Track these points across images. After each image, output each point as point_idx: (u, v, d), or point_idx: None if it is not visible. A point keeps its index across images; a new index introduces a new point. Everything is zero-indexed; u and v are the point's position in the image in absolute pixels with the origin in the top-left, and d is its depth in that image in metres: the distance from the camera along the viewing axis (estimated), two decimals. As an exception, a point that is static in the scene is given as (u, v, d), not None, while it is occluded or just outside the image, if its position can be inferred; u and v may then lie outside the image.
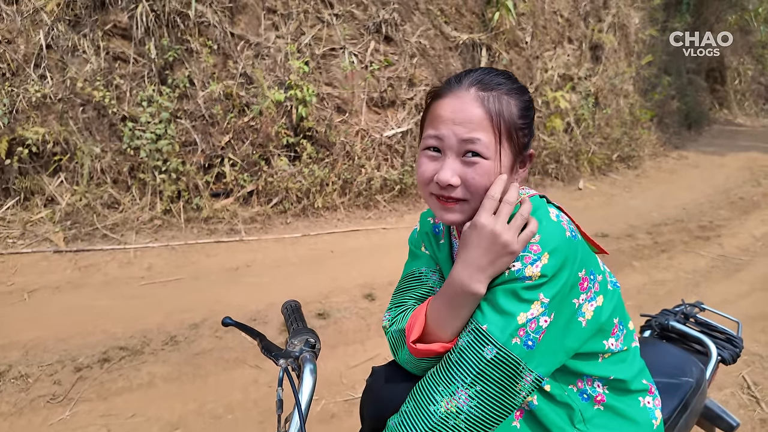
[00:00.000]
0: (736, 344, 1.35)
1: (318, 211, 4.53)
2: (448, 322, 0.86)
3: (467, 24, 5.91)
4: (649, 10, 9.22)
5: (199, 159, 4.24)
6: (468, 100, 0.84)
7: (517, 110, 0.86)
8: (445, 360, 0.84)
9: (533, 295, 0.79)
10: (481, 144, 0.82)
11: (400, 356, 0.98)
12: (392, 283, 3.30)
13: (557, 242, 0.81)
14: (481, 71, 0.89)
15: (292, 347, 0.84)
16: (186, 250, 3.69)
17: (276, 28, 4.79)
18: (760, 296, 3.38)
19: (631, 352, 0.94)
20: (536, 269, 0.79)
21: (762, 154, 8.70)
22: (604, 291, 0.86)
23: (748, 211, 5.37)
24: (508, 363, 0.78)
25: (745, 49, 15.20)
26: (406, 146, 5.08)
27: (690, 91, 11.60)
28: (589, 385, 0.91)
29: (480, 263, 0.81)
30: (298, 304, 1.03)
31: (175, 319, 2.75)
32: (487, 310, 0.81)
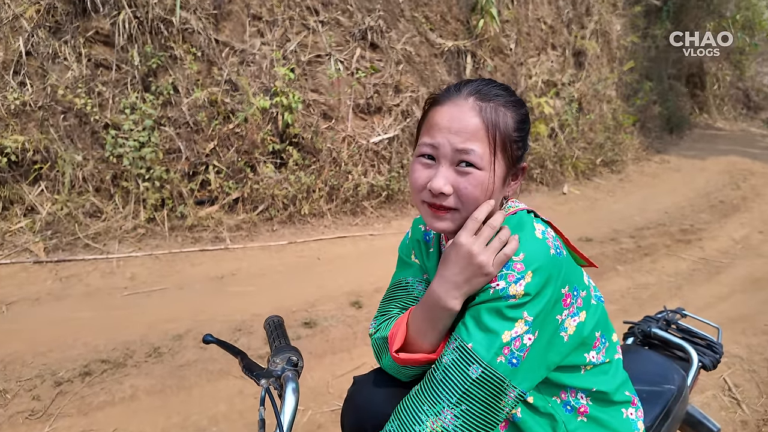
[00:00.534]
0: (716, 350, 1.37)
1: (304, 218, 4.51)
2: (427, 334, 0.88)
3: (452, 31, 5.96)
4: (631, 17, 9.39)
5: (184, 166, 4.19)
6: (466, 109, 0.85)
7: (513, 122, 0.87)
8: (430, 378, 0.84)
9: (517, 314, 0.79)
10: (476, 155, 0.83)
11: (383, 362, 1.00)
12: (379, 291, 3.31)
13: (541, 261, 0.81)
14: (480, 82, 0.89)
15: (274, 366, 0.83)
16: (170, 259, 3.64)
17: (261, 34, 4.78)
18: (739, 298, 3.44)
19: (614, 365, 0.95)
20: (520, 288, 0.79)
21: (741, 158, 8.88)
22: (587, 306, 0.87)
23: (728, 214, 5.48)
24: (493, 381, 0.79)
25: (723, 55, 15.54)
26: (392, 152, 5.09)
27: (671, 96, 11.83)
28: (572, 397, 0.91)
29: (456, 280, 0.83)
30: (280, 319, 1.02)
31: (158, 330, 2.71)
32: (472, 328, 0.81)
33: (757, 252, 4.37)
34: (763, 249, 4.43)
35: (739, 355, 2.68)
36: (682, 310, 1.56)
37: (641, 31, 9.84)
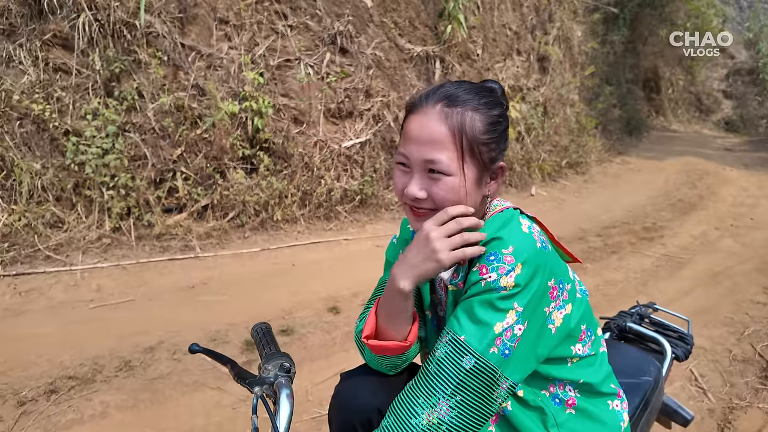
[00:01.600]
0: (688, 341, 1.43)
1: (277, 224, 4.45)
2: (389, 318, 0.92)
3: (421, 37, 6.03)
4: (590, 23, 9.74)
5: (150, 173, 4.07)
6: (433, 117, 0.87)
7: (482, 125, 0.88)
8: (424, 372, 0.86)
9: (508, 305, 0.82)
10: (442, 163, 0.85)
11: (366, 356, 1.04)
12: (356, 295, 3.30)
13: (529, 253, 0.84)
14: (452, 86, 0.91)
15: (266, 373, 0.81)
16: (138, 270, 3.52)
17: (228, 39, 4.70)
18: (701, 292, 3.59)
19: (599, 357, 0.98)
20: (510, 279, 0.82)
21: (695, 158, 9.33)
22: (572, 299, 0.90)
23: (687, 212, 5.73)
24: (486, 372, 0.81)
25: (676, 61, 16.31)
26: (365, 157, 5.09)
27: (629, 99, 12.32)
28: (560, 390, 0.94)
29: (412, 261, 0.87)
30: (268, 326, 1.01)
31: (128, 343, 2.61)
32: (464, 320, 0.83)
33: (715, 247, 4.58)
34: (719, 244, 4.65)
35: (703, 346, 2.80)
36: (654, 305, 1.62)
37: (600, 37, 10.22)
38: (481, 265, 0.85)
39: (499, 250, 0.85)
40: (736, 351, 2.77)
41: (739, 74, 18.54)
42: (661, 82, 15.36)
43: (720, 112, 17.37)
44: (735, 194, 6.60)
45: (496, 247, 0.85)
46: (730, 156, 10.09)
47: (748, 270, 3.96)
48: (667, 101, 15.68)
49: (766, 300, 3.40)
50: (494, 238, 0.87)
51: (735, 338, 2.91)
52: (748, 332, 2.97)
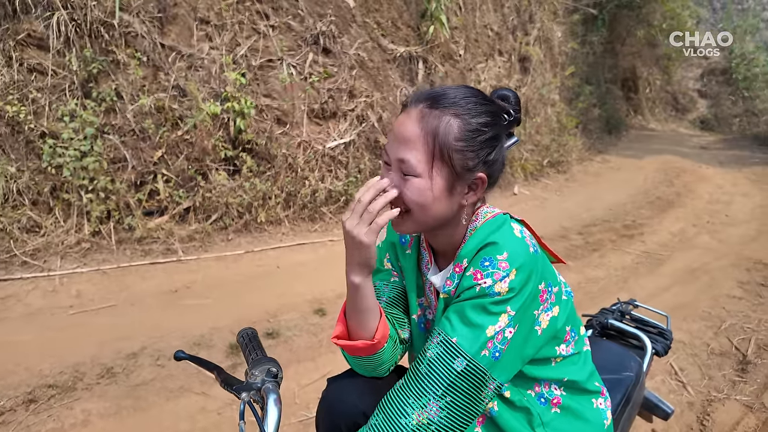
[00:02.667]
0: (667, 337, 1.47)
1: (261, 225, 4.42)
2: (353, 315, 0.95)
3: (403, 37, 6.04)
4: (570, 24, 9.88)
5: (130, 176, 4.00)
6: (411, 117, 0.87)
7: (458, 131, 0.86)
8: (414, 372, 0.86)
9: (501, 309, 0.83)
10: (409, 164, 0.86)
11: (347, 360, 1.05)
12: (342, 297, 3.27)
13: (523, 258, 0.85)
14: (447, 87, 0.91)
15: (253, 378, 0.81)
16: (119, 274, 3.46)
17: (209, 39, 4.65)
18: (679, 288, 3.68)
19: (582, 356, 1.00)
20: (504, 285, 0.83)
21: (673, 156, 9.53)
22: (559, 301, 0.91)
23: (665, 209, 5.86)
24: (476, 374, 0.82)
25: (653, 61, 16.65)
26: (349, 157, 5.08)
27: (608, 99, 12.53)
28: (546, 389, 0.95)
29: (348, 256, 0.90)
30: (254, 331, 1.00)
31: (110, 350, 2.57)
32: (456, 322, 0.84)
33: (692, 244, 4.69)
34: (696, 241, 4.76)
35: (682, 340, 2.87)
36: (634, 301, 1.66)
37: (580, 38, 10.38)
38: (476, 271, 0.86)
39: (494, 255, 0.85)
40: (714, 345, 2.84)
41: (713, 74, 19.00)
42: (639, 82, 15.65)
43: (695, 111, 17.77)
44: (711, 191, 6.77)
45: (491, 253, 0.86)
46: (705, 154, 10.34)
47: (724, 266, 4.07)
48: (645, 100, 15.99)
49: (742, 294, 3.50)
50: (488, 243, 0.87)
51: (712, 332, 2.99)
52: (725, 326, 3.05)
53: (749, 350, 2.77)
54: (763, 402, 2.32)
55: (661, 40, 15.32)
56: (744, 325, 3.07)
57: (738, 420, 2.21)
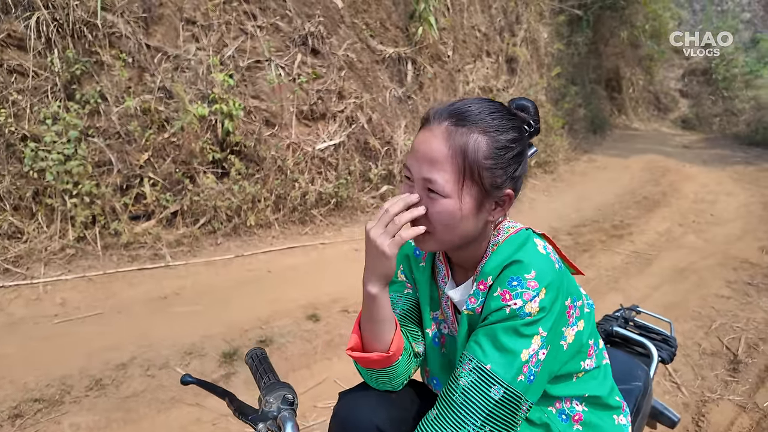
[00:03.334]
0: (672, 344, 1.46)
1: (251, 229, 4.35)
2: (367, 325, 0.92)
3: (392, 38, 6.01)
4: (555, 25, 9.96)
5: (116, 180, 3.91)
6: (436, 135, 0.84)
7: (487, 149, 0.84)
8: (448, 402, 0.83)
9: (533, 330, 0.80)
10: (438, 184, 0.83)
11: (361, 373, 1.02)
12: (336, 301, 3.25)
13: (551, 276, 0.83)
14: (471, 103, 0.87)
15: (268, 406, 0.77)
16: (105, 281, 3.37)
17: (196, 39, 4.56)
18: (668, 288, 3.72)
19: (603, 370, 0.98)
20: (535, 305, 0.81)
21: (657, 156, 9.67)
22: (582, 315, 0.89)
23: (652, 209, 5.93)
24: (514, 400, 0.80)
25: (636, 61, 16.90)
26: (339, 159, 5.04)
27: (593, 99, 12.67)
28: (567, 405, 0.93)
29: (368, 265, 0.87)
30: (263, 352, 0.96)
31: (98, 360, 2.49)
32: (488, 348, 0.81)
33: (679, 243, 4.75)
34: (683, 240, 4.83)
35: (674, 341, 2.89)
36: (636, 307, 1.65)
37: (565, 39, 10.47)
38: (503, 291, 0.83)
39: (522, 274, 0.83)
40: (705, 345, 2.87)
41: (694, 74, 19.35)
42: (622, 82, 15.86)
43: (677, 110, 18.08)
44: (696, 191, 6.88)
45: (518, 272, 0.83)
46: (688, 153, 10.51)
47: (711, 265, 4.12)
48: (628, 100, 16.21)
49: (730, 294, 3.55)
50: (514, 261, 0.85)
51: (703, 332, 3.02)
52: (715, 326, 3.09)
53: (740, 350, 2.80)
54: (756, 402, 2.35)
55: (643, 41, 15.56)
56: (733, 324, 3.11)
57: (732, 420, 2.23)
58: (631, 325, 1.55)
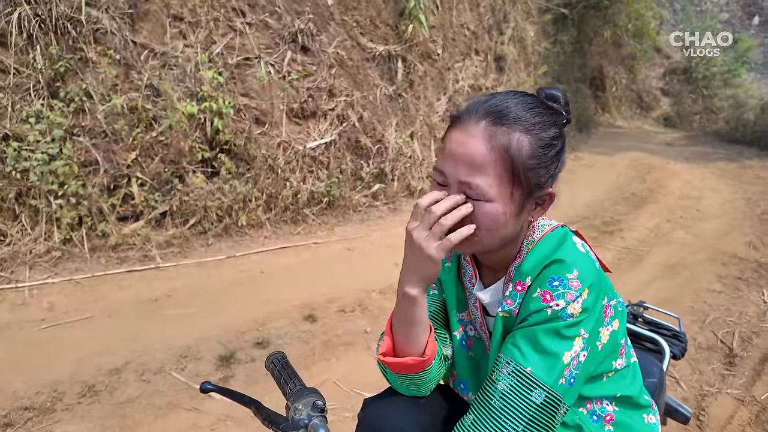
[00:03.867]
0: (682, 339, 1.46)
1: (242, 229, 4.28)
2: (403, 331, 0.87)
3: (382, 36, 5.98)
4: (542, 24, 10.03)
5: (102, 180, 3.81)
6: (475, 135, 0.80)
7: (530, 149, 0.80)
8: (486, 407, 0.80)
9: (575, 332, 0.78)
10: (480, 189, 0.79)
11: (389, 378, 0.97)
12: (332, 301, 3.21)
13: (594, 276, 0.80)
14: (501, 99, 0.83)
15: (298, 414, 0.73)
16: (94, 284, 3.28)
17: (184, 36, 4.47)
18: (661, 283, 3.76)
19: (632, 368, 0.96)
20: (578, 305, 0.78)
21: (641, 153, 9.80)
22: (617, 314, 0.87)
23: (640, 205, 6.00)
24: (555, 404, 0.77)
25: (619, 60, 17.14)
26: (330, 157, 4.99)
27: (578, 98, 12.81)
28: (598, 406, 0.91)
29: (408, 266, 0.82)
30: (284, 356, 0.92)
31: (90, 366, 2.42)
32: (528, 350, 0.78)
33: (668, 239, 4.81)
34: (672, 236, 4.89)
35: (670, 336, 2.91)
36: (644, 303, 1.65)
37: (551, 37, 10.56)
38: (544, 291, 0.80)
39: (563, 274, 0.80)
40: (701, 339, 2.90)
41: (675, 73, 19.71)
42: (606, 81, 16.06)
43: (659, 108, 18.39)
44: (681, 187, 6.98)
45: (559, 271, 0.80)
46: (671, 150, 10.68)
47: (701, 260, 4.18)
48: (612, 99, 16.43)
49: (721, 288, 3.60)
50: (555, 260, 0.81)
51: (698, 326, 3.05)
52: (709, 320, 3.12)
53: (734, 343, 2.84)
54: (754, 395, 2.38)
55: (626, 40, 15.78)
56: (726, 318, 3.15)
57: (732, 413, 2.25)
58: (640, 321, 1.55)
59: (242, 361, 2.53)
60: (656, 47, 19.36)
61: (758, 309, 3.27)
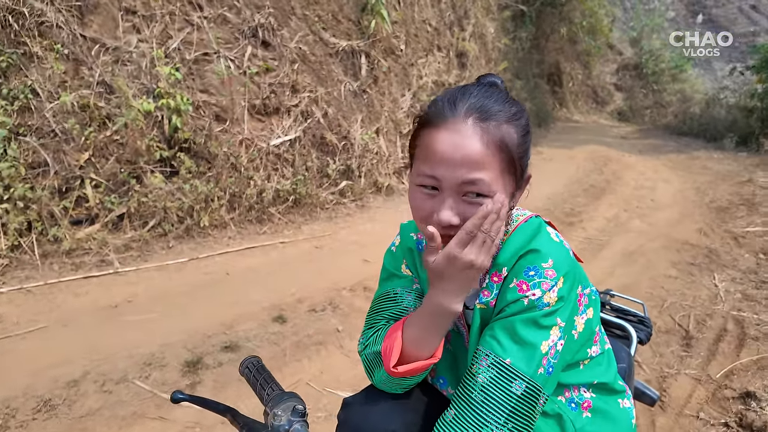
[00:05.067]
0: (647, 324, 1.51)
1: (205, 230, 4.15)
2: (428, 341, 0.86)
3: (345, 31, 5.92)
4: (501, 20, 10.21)
5: (53, 182, 3.61)
6: (467, 134, 0.78)
7: (518, 138, 0.82)
8: (467, 401, 0.79)
9: (552, 321, 0.78)
10: (484, 184, 0.78)
11: (376, 377, 0.95)
12: (302, 301, 3.16)
13: (568, 265, 0.82)
14: (477, 95, 0.82)
15: (278, 420, 0.70)
16: (47, 292, 3.10)
17: (137, 30, 4.29)
18: (621, 271, 3.89)
19: (606, 355, 0.98)
20: (554, 294, 0.78)
21: (599, 146, 10.16)
22: (591, 302, 0.88)
23: (599, 196, 6.21)
24: (535, 394, 0.77)
25: (575, 56, 17.70)
26: (296, 155, 4.91)
27: (537, 93, 13.14)
28: (575, 393, 0.93)
29: (454, 287, 0.81)
30: (260, 361, 0.89)
31: (45, 378, 2.28)
32: (506, 342, 0.78)
33: (626, 228, 5.00)
34: (630, 225, 5.08)
35: (631, 321, 3.02)
36: (610, 291, 1.70)
37: (511, 34, 10.76)
38: (520, 281, 0.80)
39: (539, 264, 0.80)
40: (660, 323, 3.03)
41: (627, 69, 20.53)
42: (563, 77, 16.56)
43: (613, 103, 19.12)
44: (636, 178, 7.27)
45: (534, 261, 0.81)
46: (626, 143, 11.12)
47: (657, 247, 4.36)
48: (569, 94, 16.96)
49: (677, 274, 3.77)
50: (530, 250, 0.82)
51: (656, 311, 3.18)
52: (666, 305, 3.26)
53: (690, 326, 2.98)
54: (709, 374, 2.50)
55: (581, 36, 16.29)
56: (682, 302, 3.30)
57: (690, 393, 2.36)
58: (607, 308, 1.59)
59: (210, 366, 2.46)
60: (609, 44, 20.10)
61: (710, 292, 3.44)
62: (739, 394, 2.28)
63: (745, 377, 2.43)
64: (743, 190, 6.31)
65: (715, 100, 13.28)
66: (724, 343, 2.75)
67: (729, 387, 2.35)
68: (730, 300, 3.29)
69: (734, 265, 3.88)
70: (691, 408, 2.24)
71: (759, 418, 2.06)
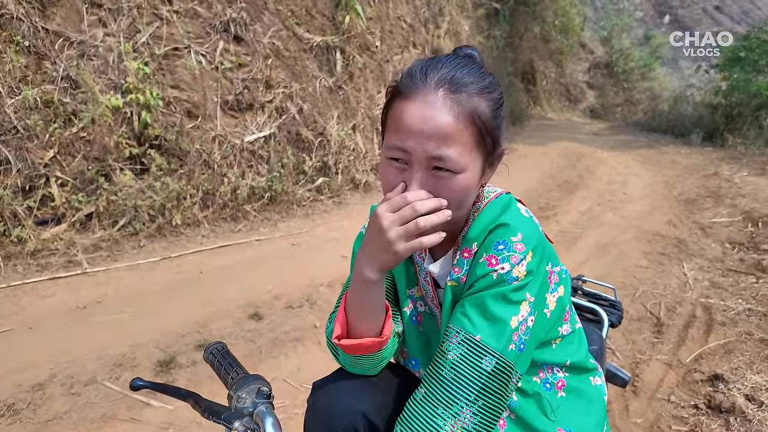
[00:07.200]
0: (618, 308, 1.53)
1: (177, 228, 4.06)
2: (360, 313, 0.85)
3: (319, 26, 5.87)
4: (476, 18, 10.30)
5: (16, 181, 3.47)
6: (437, 106, 0.76)
7: (489, 112, 0.80)
8: (437, 378, 0.78)
9: (521, 296, 0.77)
10: (452, 160, 0.76)
11: (340, 359, 0.95)
12: (278, 298, 3.12)
13: (537, 239, 0.81)
14: (449, 65, 0.80)
15: (242, 402, 0.68)
16: (11, 294, 2.98)
17: (104, 24, 4.16)
18: (595, 262, 3.97)
19: (577, 334, 0.98)
20: (522, 268, 0.78)
21: (571, 143, 10.34)
22: (562, 280, 0.88)
23: (572, 191, 6.32)
24: (506, 371, 0.76)
25: (548, 55, 17.98)
26: (270, 151, 4.84)
27: (512, 91, 13.30)
28: (549, 373, 0.92)
29: (370, 253, 0.79)
30: (224, 346, 0.86)
31: (9, 383, 2.19)
32: (476, 318, 0.77)
33: (599, 221, 5.09)
34: (602, 218, 5.18)
35: (605, 310, 3.08)
36: (582, 277, 1.72)
37: (485, 32, 10.87)
38: (489, 256, 0.79)
39: (508, 237, 0.79)
40: (632, 311, 3.09)
41: (598, 67, 20.99)
42: (537, 75, 16.82)
43: (585, 101, 19.52)
44: (608, 173, 7.43)
45: (504, 235, 0.80)
46: (598, 140, 11.35)
47: (628, 239, 4.46)
48: (543, 92, 17.23)
49: (648, 264, 3.86)
50: (499, 224, 0.81)
51: (629, 300, 3.25)
52: (638, 293, 3.33)
53: (661, 313, 3.05)
54: (679, 359, 2.56)
55: (554, 35, 16.57)
56: (653, 291, 3.38)
57: (662, 377, 2.41)
58: (580, 293, 1.62)
59: (183, 366, 2.40)
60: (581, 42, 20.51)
61: (679, 281, 3.54)
62: (707, 377, 2.34)
63: (713, 361, 2.50)
64: (709, 183, 6.51)
65: (682, 97, 13.68)
66: (693, 329, 2.83)
67: (698, 370, 2.42)
68: (698, 288, 3.38)
69: (702, 255, 4.00)
70: (662, 392, 2.29)
71: (727, 399, 2.12)
